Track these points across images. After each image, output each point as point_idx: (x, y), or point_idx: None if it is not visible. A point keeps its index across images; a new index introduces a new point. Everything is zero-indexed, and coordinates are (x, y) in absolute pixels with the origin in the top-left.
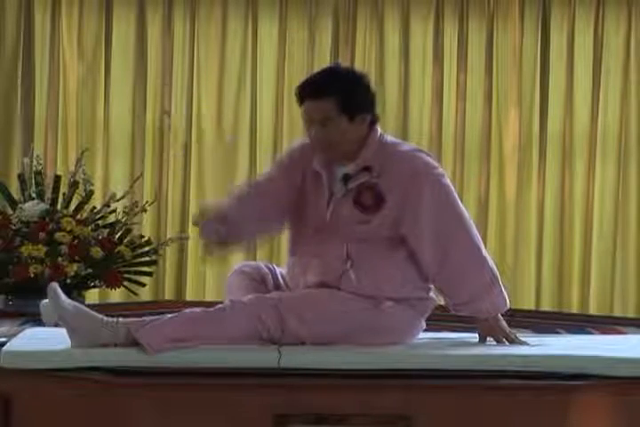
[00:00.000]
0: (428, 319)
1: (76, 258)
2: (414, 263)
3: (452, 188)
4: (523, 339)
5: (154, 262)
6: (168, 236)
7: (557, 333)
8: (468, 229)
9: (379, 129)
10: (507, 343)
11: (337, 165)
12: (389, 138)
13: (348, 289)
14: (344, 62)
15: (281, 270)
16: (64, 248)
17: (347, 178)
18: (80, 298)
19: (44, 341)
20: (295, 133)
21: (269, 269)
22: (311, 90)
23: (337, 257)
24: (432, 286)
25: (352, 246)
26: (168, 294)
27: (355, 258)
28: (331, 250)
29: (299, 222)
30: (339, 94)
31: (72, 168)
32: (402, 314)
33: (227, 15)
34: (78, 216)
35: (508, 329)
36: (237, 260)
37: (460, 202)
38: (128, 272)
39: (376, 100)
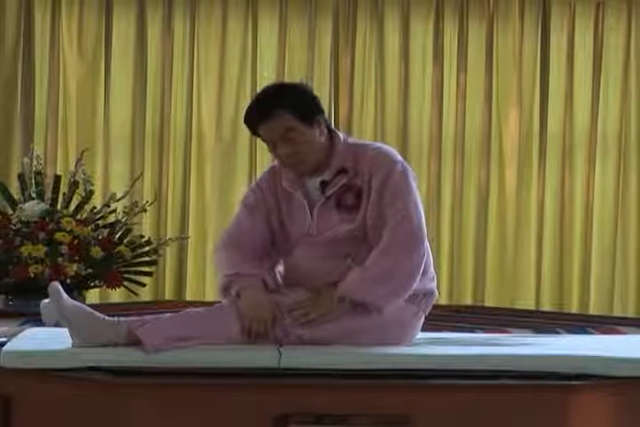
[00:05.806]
0: (427, 319)
1: (76, 258)
2: None
3: (410, 180)
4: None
5: (154, 262)
6: (168, 236)
7: (557, 333)
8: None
9: (339, 132)
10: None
11: (306, 178)
12: (352, 139)
13: None
14: (345, 62)
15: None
16: (64, 248)
17: (324, 185)
18: (80, 298)
19: (44, 341)
20: None
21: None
22: (261, 112)
23: (336, 257)
24: (434, 277)
25: (348, 244)
26: (168, 294)
27: (354, 254)
28: (329, 252)
29: (284, 240)
30: (288, 105)
31: (72, 168)
32: (404, 311)
33: (227, 15)
34: (78, 216)
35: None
36: None
37: (416, 195)
38: (128, 272)
39: (320, 103)
